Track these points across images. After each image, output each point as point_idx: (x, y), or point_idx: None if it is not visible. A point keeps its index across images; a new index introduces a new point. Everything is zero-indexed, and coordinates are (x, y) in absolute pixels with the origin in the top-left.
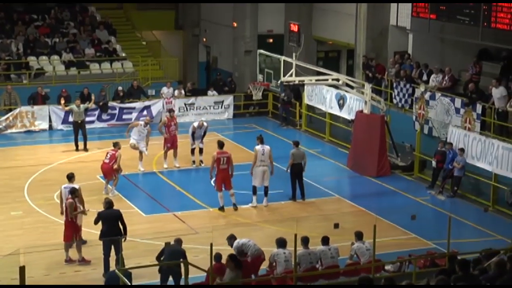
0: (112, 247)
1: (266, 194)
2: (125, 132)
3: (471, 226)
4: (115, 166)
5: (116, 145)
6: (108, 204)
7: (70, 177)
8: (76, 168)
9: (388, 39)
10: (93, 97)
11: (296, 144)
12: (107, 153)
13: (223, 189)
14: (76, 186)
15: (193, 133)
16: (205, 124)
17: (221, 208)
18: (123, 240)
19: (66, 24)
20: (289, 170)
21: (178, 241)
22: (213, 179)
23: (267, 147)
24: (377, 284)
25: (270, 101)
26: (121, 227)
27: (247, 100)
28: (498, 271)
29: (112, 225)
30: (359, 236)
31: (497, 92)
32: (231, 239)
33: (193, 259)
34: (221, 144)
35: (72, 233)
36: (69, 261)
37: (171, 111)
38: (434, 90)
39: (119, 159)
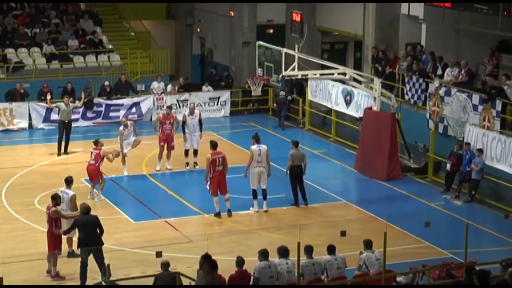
0: (92, 256)
1: (265, 197)
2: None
3: (490, 233)
4: (110, 156)
5: (97, 143)
6: (85, 209)
7: (69, 181)
8: (58, 171)
9: (399, 29)
10: (83, 96)
11: (296, 144)
12: (91, 153)
13: (218, 193)
14: (70, 192)
15: (184, 123)
16: (197, 110)
17: (218, 214)
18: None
19: (47, 13)
20: (288, 173)
21: (166, 266)
22: (209, 183)
23: (263, 147)
24: None
25: (271, 97)
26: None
27: (246, 96)
28: None
29: (90, 233)
30: (368, 244)
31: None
32: (263, 255)
33: (186, 270)
34: (214, 144)
35: (57, 243)
36: (51, 272)
37: (168, 108)
38: (449, 85)
39: (109, 154)
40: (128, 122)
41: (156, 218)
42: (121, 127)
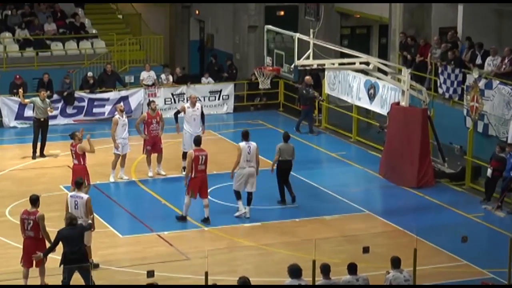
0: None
1: (249, 202)
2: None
3: None
4: (88, 148)
5: (74, 137)
6: (71, 220)
7: (81, 184)
8: (33, 176)
9: (431, 11)
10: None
11: (286, 137)
12: (71, 151)
13: (197, 196)
14: (85, 196)
15: (177, 113)
16: (198, 104)
17: (182, 218)
18: (91, 230)
19: None
20: (275, 167)
21: None
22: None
23: (253, 144)
24: None
25: (281, 90)
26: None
27: (252, 89)
28: None
29: (75, 246)
30: (395, 263)
31: None
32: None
33: None
34: (197, 140)
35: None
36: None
37: (151, 103)
38: (490, 76)
39: (87, 145)
40: (125, 114)
41: (147, 231)
42: (116, 115)
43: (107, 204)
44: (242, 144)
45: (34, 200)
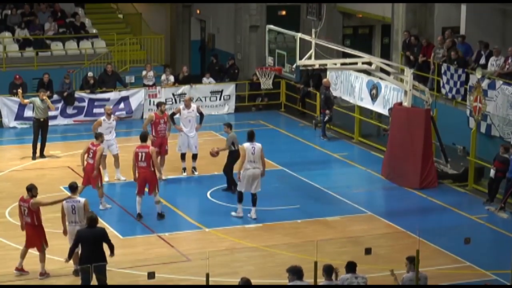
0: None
1: (254, 203)
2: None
3: None
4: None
5: (99, 137)
6: (91, 220)
7: (75, 187)
8: (33, 177)
9: (434, 11)
10: (20, 92)
11: (229, 126)
12: (89, 150)
13: (145, 192)
14: (81, 199)
15: (172, 114)
16: (193, 105)
17: (139, 216)
18: (110, 256)
19: None
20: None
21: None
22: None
23: (258, 145)
24: None
25: (283, 91)
26: (107, 251)
27: (253, 89)
28: None
29: (94, 248)
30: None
31: None
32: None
33: None
34: (142, 136)
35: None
36: (20, 270)
37: (160, 104)
38: (493, 76)
39: (99, 156)
40: (113, 116)
41: (148, 232)
42: (102, 117)
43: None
44: (247, 144)
45: (29, 189)
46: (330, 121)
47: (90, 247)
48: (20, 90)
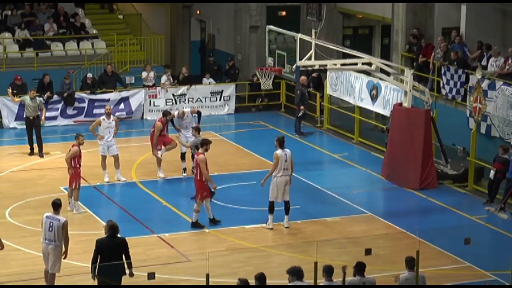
0: None
1: (287, 211)
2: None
3: None
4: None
5: (77, 138)
6: (112, 229)
7: (58, 205)
8: (32, 178)
9: (434, 12)
10: (9, 91)
11: (197, 130)
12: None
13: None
14: (62, 218)
15: (169, 121)
16: (186, 110)
17: (211, 221)
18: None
19: None
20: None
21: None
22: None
23: (289, 152)
24: None
25: (283, 91)
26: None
27: (253, 90)
28: None
29: (114, 259)
30: (410, 263)
31: None
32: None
33: None
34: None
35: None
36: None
37: (167, 114)
38: (493, 77)
39: (70, 155)
40: (113, 116)
41: (148, 233)
42: (102, 116)
43: (106, 205)
44: (279, 152)
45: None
46: (304, 117)
47: (109, 257)
48: (9, 90)
